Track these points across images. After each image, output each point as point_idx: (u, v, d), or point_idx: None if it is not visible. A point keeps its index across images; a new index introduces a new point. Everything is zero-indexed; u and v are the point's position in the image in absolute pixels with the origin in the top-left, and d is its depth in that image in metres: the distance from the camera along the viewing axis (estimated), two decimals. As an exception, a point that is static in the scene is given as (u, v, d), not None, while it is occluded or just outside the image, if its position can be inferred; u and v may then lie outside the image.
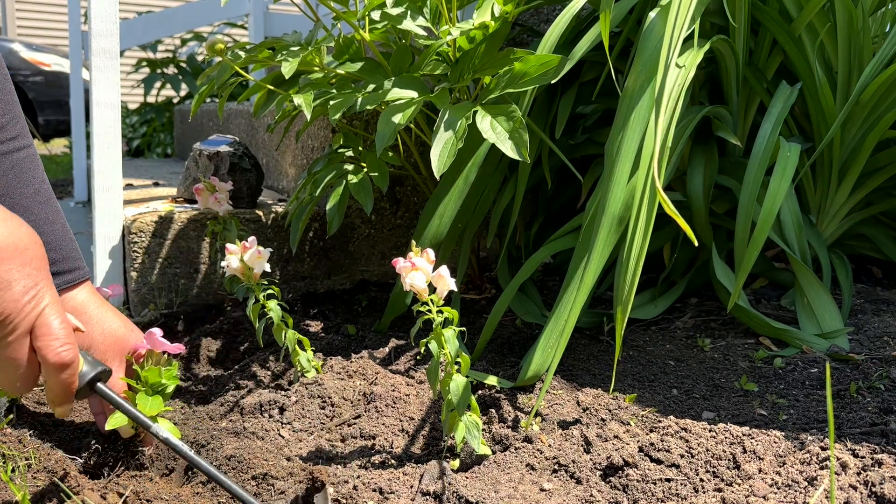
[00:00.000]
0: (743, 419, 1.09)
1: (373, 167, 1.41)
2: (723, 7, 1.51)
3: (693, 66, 1.23)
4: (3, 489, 0.87)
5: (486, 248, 1.87)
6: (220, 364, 1.41)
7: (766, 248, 1.65)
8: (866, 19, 1.52)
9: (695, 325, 1.51)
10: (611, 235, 1.11)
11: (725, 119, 1.60)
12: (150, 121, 4.60)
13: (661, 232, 1.61)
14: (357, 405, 1.13)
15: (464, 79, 1.26)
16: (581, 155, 1.68)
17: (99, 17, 1.56)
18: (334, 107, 1.23)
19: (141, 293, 1.64)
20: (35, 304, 0.74)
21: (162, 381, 0.98)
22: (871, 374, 1.20)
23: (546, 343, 1.13)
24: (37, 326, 0.74)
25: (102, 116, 1.59)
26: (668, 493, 0.90)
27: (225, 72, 1.35)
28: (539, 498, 0.90)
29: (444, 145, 1.13)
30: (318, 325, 1.51)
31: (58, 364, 0.74)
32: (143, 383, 0.98)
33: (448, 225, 1.33)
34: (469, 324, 1.51)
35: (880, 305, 1.56)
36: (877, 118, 1.52)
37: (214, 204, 1.53)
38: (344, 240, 1.79)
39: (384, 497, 0.90)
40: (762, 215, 1.34)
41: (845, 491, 0.86)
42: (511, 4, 1.25)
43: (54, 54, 6.11)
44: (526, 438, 1.02)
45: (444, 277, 0.92)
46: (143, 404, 0.96)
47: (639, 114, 1.14)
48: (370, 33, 1.32)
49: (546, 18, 1.95)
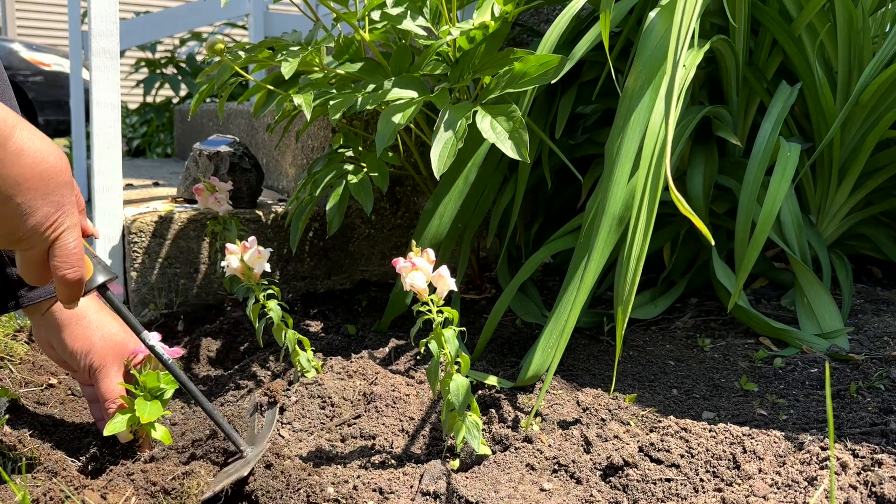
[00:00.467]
0: (743, 419, 1.09)
1: (373, 167, 1.41)
2: (723, 7, 1.51)
3: (693, 66, 1.23)
4: (4, 489, 0.87)
5: (486, 248, 1.87)
6: (220, 364, 1.41)
7: (766, 248, 1.65)
8: (866, 19, 1.52)
9: (695, 325, 1.51)
10: (611, 235, 1.11)
11: (725, 119, 1.60)
12: (150, 121, 4.60)
13: (661, 232, 1.61)
14: (357, 405, 1.13)
15: (464, 79, 1.26)
16: (581, 155, 1.68)
17: (99, 17, 1.56)
18: (334, 107, 1.23)
19: (141, 293, 1.64)
20: (53, 229, 0.81)
21: (160, 386, 0.99)
22: (871, 374, 1.20)
23: (546, 343, 1.13)
24: (54, 247, 0.82)
25: (102, 116, 1.58)
26: (668, 493, 0.90)
27: (225, 72, 1.35)
28: (539, 498, 0.90)
29: (445, 145, 1.13)
30: (318, 325, 1.51)
31: (64, 281, 0.84)
32: (142, 388, 0.98)
33: (448, 225, 1.33)
34: (469, 324, 1.51)
35: (880, 305, 1.56)
36: (877, 118, 1.52)
37: (214, 204, 1.53)
38: (344, 240, 1.79)
39: (384, 497, 0.90)
40: (762, 215, 1.34)
41: (845, 491, 0.86)
42: (511, 4, 1.25)
43: (54, 54, 6.11)
44: (526, 438, 1.02)
45: (444, 277, 0.92)
46: (142, 409, 0.96)
47: (639, 114, 1.14)
48: (370, 33, 1.32)
49: (546, 18, 1.95)
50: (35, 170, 0.77)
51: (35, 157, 0.77)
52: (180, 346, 1.47)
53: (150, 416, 0.96)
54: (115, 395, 1.01)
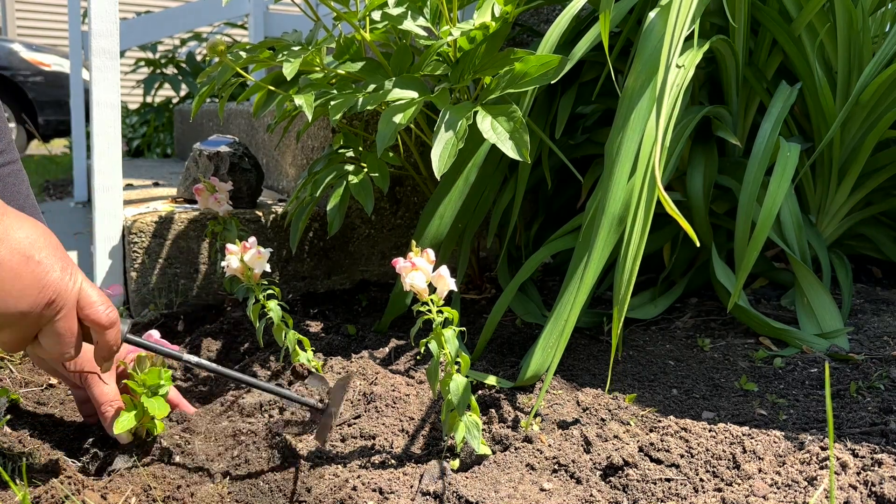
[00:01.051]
0: (743, 419, 1.09)
1: (373, 167, 1.41)
2: (723, 7, 1.51)
3: (693, 66, 1.23)
4: (4, 489, 0.87)
5: (486, 248, 1.87)
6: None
7: (766, 248, 1.65)
8: (866, 19, 1.52)
9: (695, 325, 1.51)
10: (611, 235, 1.11)
11: (725, 119, 1.60)
12: (150, 121, 4.60)
13: (661, 232, 1.61)
14: (357, 405, 1.13)
15: (464, 79, 1.26)
16: (581, 155, 1.68)
17: (99, 17, 1.56)
18: (335, 107, 1.23)
19: (141, 293, 1.64)
20: (73, 281, 0.85)
21: (161, 383, 0.99)
22: (871, 374, 1.20)
23: (546, 343, 1.13)
24: (80, 299, 0.86)
25: (102, 116, 1.59)
26: (668, 493, 0.90)
27: (226, 72, 1.35)
28: (539, 498, 0.90)
29: (445, 145, 1.13)
30: (318, 325, 1.51)
31: (107, 323, 0.87)
32: (141, 385, 0.98)
33: (448, 225, 1.33)
34: (469, 324, 1.51)
35: (880, 305, 1.56)
36: (877, 118, 1.52)
37: (214, 204, 1.53)
38: (344, 240, 1.79)
39: (384, 497, 0.90)
40: (762, 215, 1.34)
41: (845, 491, 0.86)
42: (511, 5, 1.25)
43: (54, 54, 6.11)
44: (526, 438, 1.02)
45: (444, 277, 0.92)
46: (151, 406, 0.97)
47: (639, 114, 1.14)
48: (371, 33, 1.32)
49: (546, 18, 1.95)
50: (37, 230, 0.83)
51: (30, 222, 0.84)
52: (181, 346, 1.47)
53: (161, 412, 0.97)
54: (110, 399, 1.01)
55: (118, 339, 0.90)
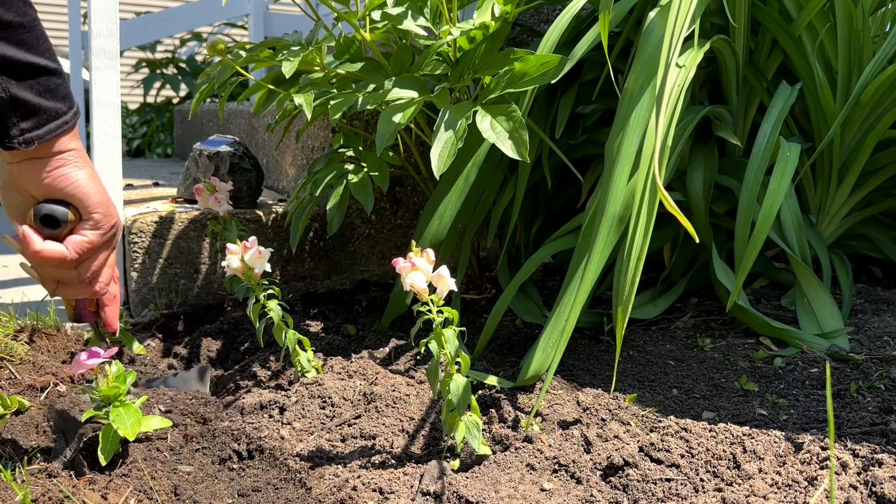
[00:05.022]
0: (743, 419, 1.09)
1: (373, 167, 1.41)
2: (723, 7, 1.51)
3: (693, 65, 1.23)
4: (4, 489, 0.87)
5: (486, 248, 1.87)
6: (221, 364, 1.41)
7: (766, 247, 1.65)
8: (866, 19, 1.52)
9: (695, 325, 1.51)
10: (611, 235, 1.11)
11: (725, 119, 1.60)
12: (150, 121, 4.60)
13: (661, 232, 1.61)
14: (357, 405, 1.13)
15: (464, 79, 1.26)
16: (581, 155, 1.68)
17: (99, 18, 1.56)
18: (335, 107, 1.23)
19: (141, 293, 1.64)
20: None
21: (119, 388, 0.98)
22: (871, 374, 1.20)
23: (546, 343, 1.13)
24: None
25: (102, 117, 1.59)
26: (669, 493, 0.90)
27: (225, 71, 1.35)
28: (539, 498, 0.90)
29: (445, 145, 1.13)
30: (319, 325, 1.51)
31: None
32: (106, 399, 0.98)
33: (448, 225, 1.33)
34: (469, 324, 1.51)
35: (880, 305, 1.56)
36: (877, 118, 1.52)
37: (214, 204, 1.53)
38: (344, 240, 1.79)
39: (384, 497, 0.90)
40: (762, 215, 1.33)
41: (845, 491, 0.86)
42: (511, 4, 1.25)
43: (54, 54, 6.09)
44: (526, 438, 1.02)
45: (444, 277, 0.92)
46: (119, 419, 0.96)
47: (639, 114, 1.14)
48: (371, 33, 1.32)
49: (546, 18, 1.95)
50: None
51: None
52: (181, 346, 1.47)
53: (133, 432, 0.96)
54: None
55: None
